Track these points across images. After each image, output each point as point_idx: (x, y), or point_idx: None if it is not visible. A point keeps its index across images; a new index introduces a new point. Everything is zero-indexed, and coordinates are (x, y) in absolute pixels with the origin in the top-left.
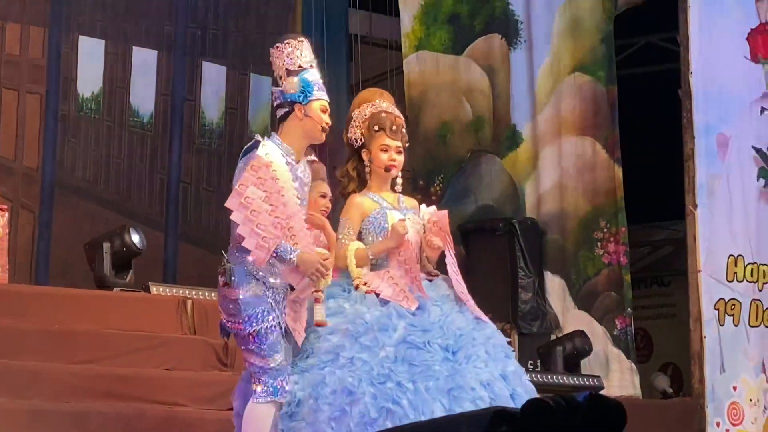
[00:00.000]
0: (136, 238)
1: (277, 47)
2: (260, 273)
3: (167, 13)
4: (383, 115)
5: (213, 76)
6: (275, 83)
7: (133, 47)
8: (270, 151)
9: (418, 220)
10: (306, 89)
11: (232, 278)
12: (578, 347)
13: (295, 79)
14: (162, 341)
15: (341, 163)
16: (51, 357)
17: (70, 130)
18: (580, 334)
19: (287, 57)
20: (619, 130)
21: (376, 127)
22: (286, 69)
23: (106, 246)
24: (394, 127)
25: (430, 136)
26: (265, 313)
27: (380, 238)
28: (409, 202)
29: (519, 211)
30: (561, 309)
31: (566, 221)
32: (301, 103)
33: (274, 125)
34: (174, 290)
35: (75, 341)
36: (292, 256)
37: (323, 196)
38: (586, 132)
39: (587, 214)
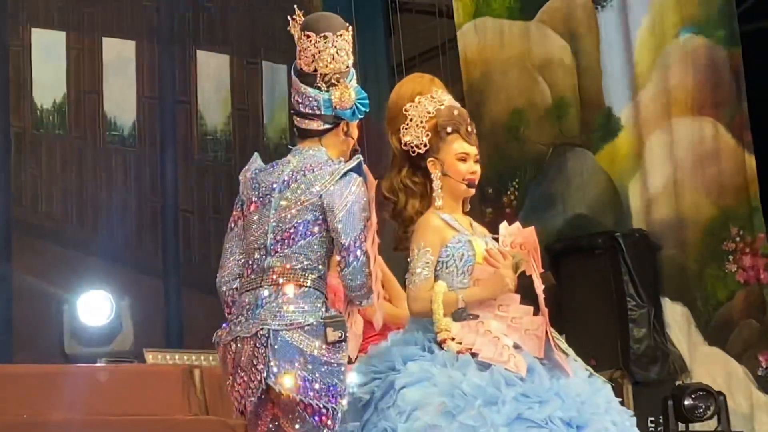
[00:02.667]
0: (83, 312)
1: (308, 36)
2: None
3: None
4: (455, 113)
5: (212, 69)
6: (303, 77)
7: (104, 38)
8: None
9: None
10: (363, 103)
11: (347, 335)
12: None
13: (351, 92)
14: (165, 426)
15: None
16: None
17: (27, 152)
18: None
19: (338, 54)
20: (747, 105)
21: (449, 129)
22: (317, 71)
23: (66, 309)
24: (470, 128)
25: (498, 128)
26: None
27: (462, 276)
28: (479, 228)
29: (622, 222)
30: (687, 347)
31: (686, 230)
32: (348, 120)
33: (302, 133)
34: (177, 357)
35: None
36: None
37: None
38: (705, 111)
39: (713, 219)
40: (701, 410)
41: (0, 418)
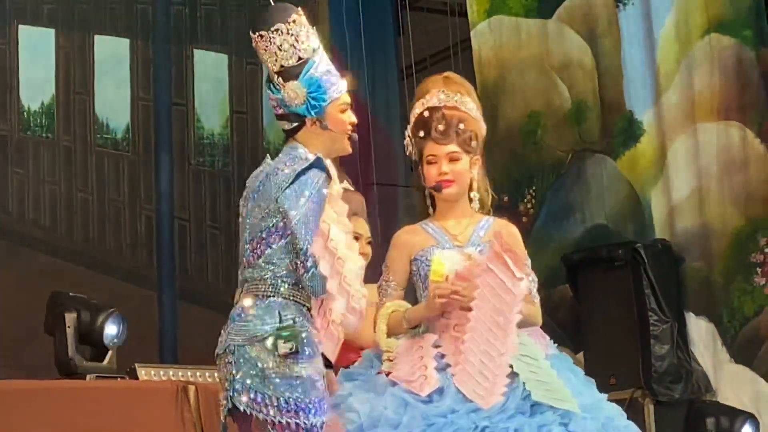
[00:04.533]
0: (110, 328)
1: (261, 36)
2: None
3: None
4: (426, 114)
5: (210, 69)
6: (268, 79)
7: (95, 36)
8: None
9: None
10: (315, 96)
11: (304, 347)
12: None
13: (298, 85)
14: None
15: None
16: None
17: (13, 156)
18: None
19: (279, 49)
20: None
21: (421, 133)
22: (282, 66)
23: (69, 317)
24: (440, 127)
25: (514, 133)
26: (325, 400)
27: (425, 291)
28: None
29: (644, 232)
30: (712, 364)
31: (711, 242)
32: (313, 115)
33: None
34: (171, 373)
35: None
36: None
37: (358, 238)
38: (732, 115)
39: (740, 229)
40: None
41: None
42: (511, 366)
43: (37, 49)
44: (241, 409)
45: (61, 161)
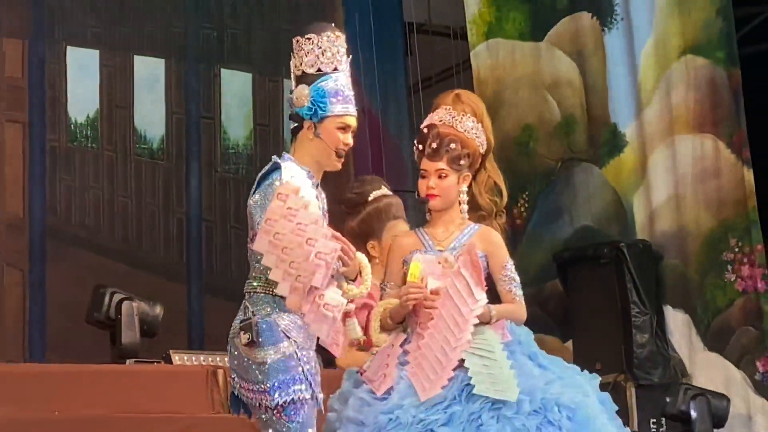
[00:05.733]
0: (113, 314)
1: (297, 41)
2: (293, 332)
3: (175, 13)
4: (425, 130)
5: (236, 87)
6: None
7: (135, 56)
8: (294, 173)
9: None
10: (318, 102)
11: (260, 335)
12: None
13: (306, 89)
14: (190, 423)
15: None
16: None
17: (61, 164)
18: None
19: (306, 56)
20: (746, 123)
21: (420, 147)
22: (303, 72)
23: (132, 306)
24: (434, 145)
25: (509, 143)
26: (297, 381)
27: None
28: (484, 237)
29: (627, 233)
30: (687, 352)
31: (687, 241)
32: (311, 119)
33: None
34: (201, 358)
35: (82, 430)
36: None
37: None
38: (706, 128)
39: (713, 230)
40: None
41: (33, 415)
42: (462, 360)
43: (83, 68)
44: (236, 393)
45: (104, 169)
